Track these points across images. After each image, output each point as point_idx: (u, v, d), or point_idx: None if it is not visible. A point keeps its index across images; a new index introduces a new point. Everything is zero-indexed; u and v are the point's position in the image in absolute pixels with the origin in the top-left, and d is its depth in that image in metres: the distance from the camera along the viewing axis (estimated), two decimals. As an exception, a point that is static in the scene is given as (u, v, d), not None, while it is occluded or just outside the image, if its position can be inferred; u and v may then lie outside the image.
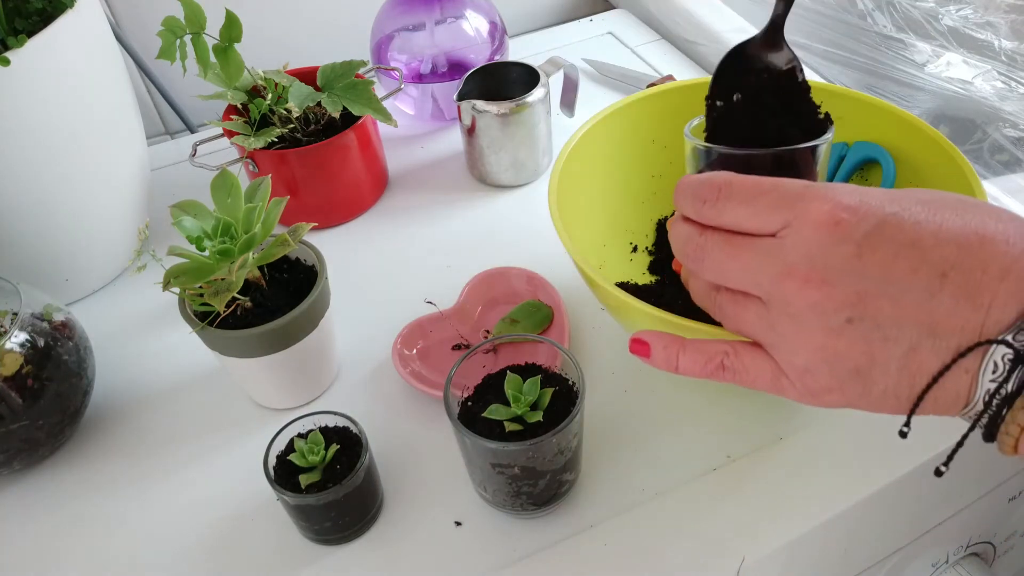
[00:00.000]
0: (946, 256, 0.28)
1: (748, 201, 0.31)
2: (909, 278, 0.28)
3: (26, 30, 0.52)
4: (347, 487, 0.45)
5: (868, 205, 0.29)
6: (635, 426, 0.53)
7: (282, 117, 0.66)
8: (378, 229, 0.71)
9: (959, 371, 0.29)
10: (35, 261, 0.60)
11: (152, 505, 0.51)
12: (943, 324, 0.28)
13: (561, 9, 1.04)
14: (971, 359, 0.28)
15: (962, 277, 0.28)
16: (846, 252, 0.29)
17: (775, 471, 0.49)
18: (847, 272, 0.29)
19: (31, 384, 0.50)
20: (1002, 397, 0.28)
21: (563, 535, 0.47)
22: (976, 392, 0.29)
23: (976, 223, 0.29)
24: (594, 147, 0.57)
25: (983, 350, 0.28)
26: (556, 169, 0.53)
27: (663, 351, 0.37)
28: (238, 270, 0.46)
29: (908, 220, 0.29)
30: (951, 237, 0.28)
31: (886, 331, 0.29)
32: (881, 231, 0.29)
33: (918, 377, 0.29)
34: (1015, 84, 0.68)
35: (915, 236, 0.28)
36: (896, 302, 0.29)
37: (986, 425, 0.29)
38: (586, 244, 0.55)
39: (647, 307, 0.42)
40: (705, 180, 0.33)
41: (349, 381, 0.58)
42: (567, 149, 0.54)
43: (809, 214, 0.30)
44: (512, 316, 0.58)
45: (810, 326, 0.30)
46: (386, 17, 0.80)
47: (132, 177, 0.65)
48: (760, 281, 0.32)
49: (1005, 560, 0.73)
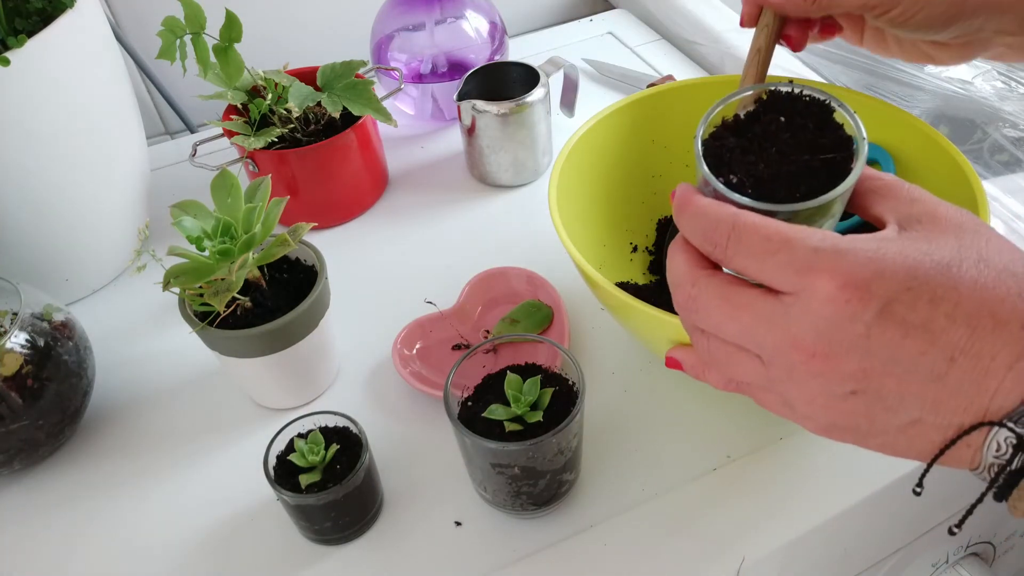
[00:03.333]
0: (955, 341, 0.28)
1: (755, 257, 0.30)
2: (916, 361, 0.28)
3: (26, 30, 0.52)
4: (347, 487, 0.45)
5: (882, 280, 0.28)
6: (635, 426, 0.53)
7: (282, 117, 0.66)
8: (378, 229, 0.71)
9: (962, 445, 0.29)
10: (35, 261, 0.60)
11: (152, 505, 0.52)
12: (946, 404, 0.29)
13: (561, 9, 1.04)
14: (974, 436, 0.29)
15: (970, 363, 0.28)
16: (855, 331, 0.28)
17: (775, 471, 0.49)
18: (854, 349, 0.29)
19: (31, 384, 0.50)
20: (1008, 474, 0.28)
21: (563, 535, 0.47)
22: (981, 462, 0.29)
23: (993, 298, 0.28)
24: (594, 147, 0.57)
25: (985, 430, 0.28)
26: (556, 169, 0.53)
27: (691, 369, 0.40)
28: (238, 270, 0.46)
29: (923, 297, 0.28)
30: (963, 317, 0.28)
31: (888, 403, 0.29)
32: (892, 312, 0.28)
33: (918, 441, 0.30)
34: (1015, 84, 0.68)
35: (927, 318, 0.28)
36: (901, 380, 0.29)
37: (995, 494, 0.30)
38: (586, 244, 0.55)
39: (647, 307, 0.42)
40: (712, 216, 0.32)
41: (349, 381, 0.58)
42: (567, 149, 0.54)
43: (819, 290, 0.29)
44: (512, 316, 0.58)
45: (812, 390, 0.31)
46: (386, 17, 0.80)
47: (132, 177, 0.65)
48: (762, 344, 0.31)
49: (1005, 560, 0.73)
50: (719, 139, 0.35)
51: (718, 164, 0.34)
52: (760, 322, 0.31)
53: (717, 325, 0.33)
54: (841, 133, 0.34)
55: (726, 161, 0.34)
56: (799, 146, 0.33)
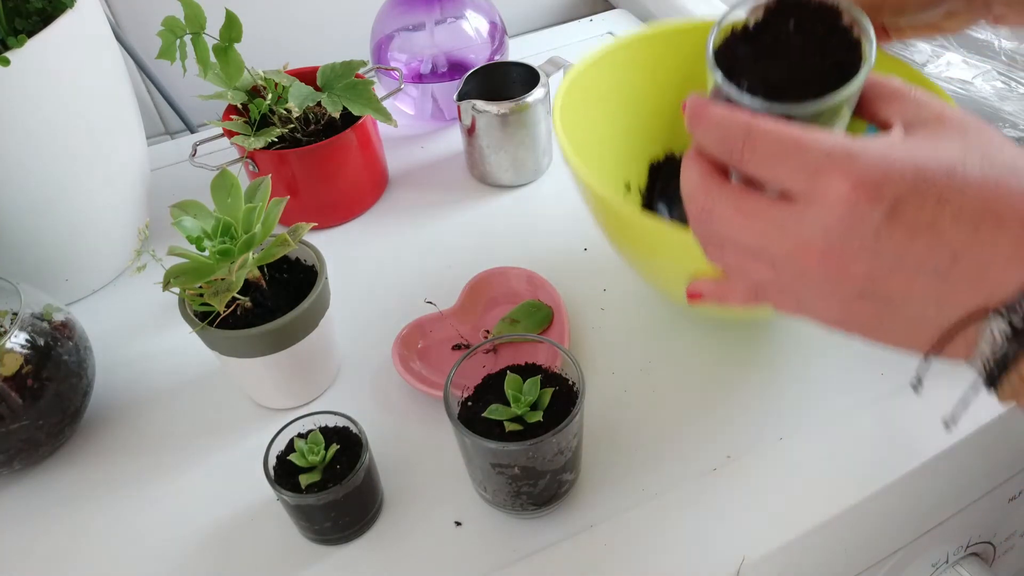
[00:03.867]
0: (959, 238, 0.29)
1: (768, 163, 0.31)
2: (923, 259, 0.29)
3: (26, 30, 0.53)
4: (347, 487, 0.45)
5: (891, 182, 0.29)
6: (635, 426, 0.53)
7: (282, 117, 0.66)
8: (378, 229, 0.71)
9: (960, 339, 0.31)
10: (35, 261, 0.60)
11: (152, 505, 0.52)
12: (949, 299, 0.30)
13: (561, 9, 1.04)
14: (971, 330, 0.30)
15: (972, 259, 0.29)
16: (864, 233, 0.30)
17: (775, 471, 0.49)
18: (863, 252, 0.30)
19: (31, 384, 0.50)
20: (998, 361, 0.30)
21: (563, 535, 0.47)
22: (977, 353, 0.31)
23: (995, 197, 0.29)
24: (588, 88, 0.57)
25: (982, 321, 0.30)
26: (556, 109, 0.53)
27: (711, 294, 0.41)
28: (238, 270, 0.46)
29: (930, 198, 0.29)
30: (968, 217, 0.29)
31: (895, 302, 0.31)
32: (900, 212, 0.29)
33: (923, 336, 0.32)
34: (1015, 84, 0.68)
35: (933, 217, 0.29)
36: (908, 279, 0.30)
37: (987, 382, 0.31)
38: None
39: (673, 228, 0.43)
40: (726, 124, 0.32)
41: (349, 381, 0.58)
42: (561, 92, 0.54)
43: (830, 191, 0.30)
44: (512, 316, 0.58)
45: (823, 293, 0.32)
46: (386, 17, 0.80)
47: (132, 177, 0.65)
48: (773, 252, 0.32)
49: (1005, 560, 0.73)
50: (730, 47, 0.35)
51: (729, 72, 0.34)
52: (772, 228, 0.32)
53: (731, 235, 0.33)
54: (849, 36, 0.34)
55: (737, 68, 0.34)
56: (809, 50, 0.34)
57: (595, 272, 0.64)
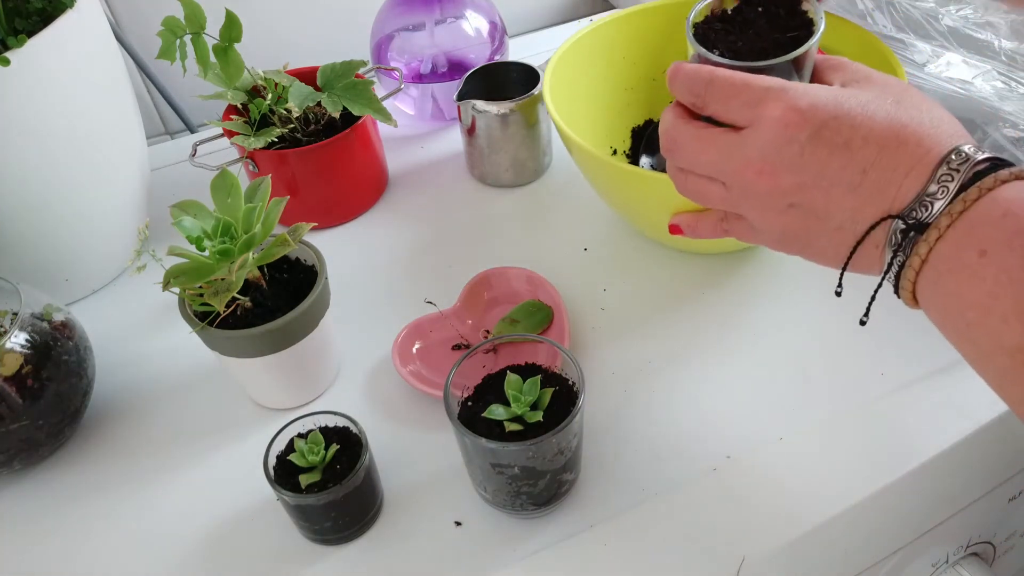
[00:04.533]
0: (868, 156, 0.35)
1: (724, 100, 0.38)
2: (839, 174, 0.36)
3: (26, 30, 0.53)
4: (347, 487, 0.45)
5: (815, 109, 0.35)
6: (635, 426, 0.53)
7: (282, 117, 0.66)
8: (378, 229, 0.71)
9: (870, 245, 0.37)
10: (35, 261, 0.60)
11: (152, 505, 0.52)
12: (861, 211, 0.36)
13: (561, 9, 1.04)
14: (879, 234, 0.36)
15: (877, 174, 0.35)
16: (792, 151, 0.36)
17: (775, 471, 0.49)
18: (791, 167, 0.36)
19: (31, 384, 0.50)
20: (897, 258, 0.35)
21: (563, 535, 0.47)
22: (885, 260, 0.37)
23: (899, 125, 0.35)
24: (575, 64, 0.65)
25: (886, 225, 0.36)
26: (546, 84, 0.61)
27: (687, 227, 0.50)
28: (238, 270, 0.46)
29: (846, 123, 0.35)
30: (876, 139, 0.35)
31: (819, 214, 0.37)
32: (821, 134, 0.35)
33: (842, 248, 0.38)
34: (1015, 84, 0.68)
35: (848, 138, 0.35)
36: (827, 193, 0.36)
37: (893, 284, 0.37)
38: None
39: (651, 172, 0.53)
40: (694, 74, 0.39)
41: (349, 381, 0.58)
42: (551, 66, 0.62)
43: (766, 116, 0.36)
44: (512, 316, 0.58)
45: (763, 206, 0.39)
46: (386, 17, 0.80)
47: (132, 177, 0.65)
48: (724, 171, 0.39)
49: (1005, 560, 0.73)
50: (707, 24, 0.43)
51: (704, 43, 0.41)
52: (722, 151, 0.39)
53: (691, 160, 0.41)
54: (805, 17, 0.41)
55: (711, 40, 0.42)
56: (772, 28, 0.41)
57: (595, 272, 0.64)
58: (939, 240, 0.34)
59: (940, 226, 0.33)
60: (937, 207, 0.34)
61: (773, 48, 0.40)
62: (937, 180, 0.34)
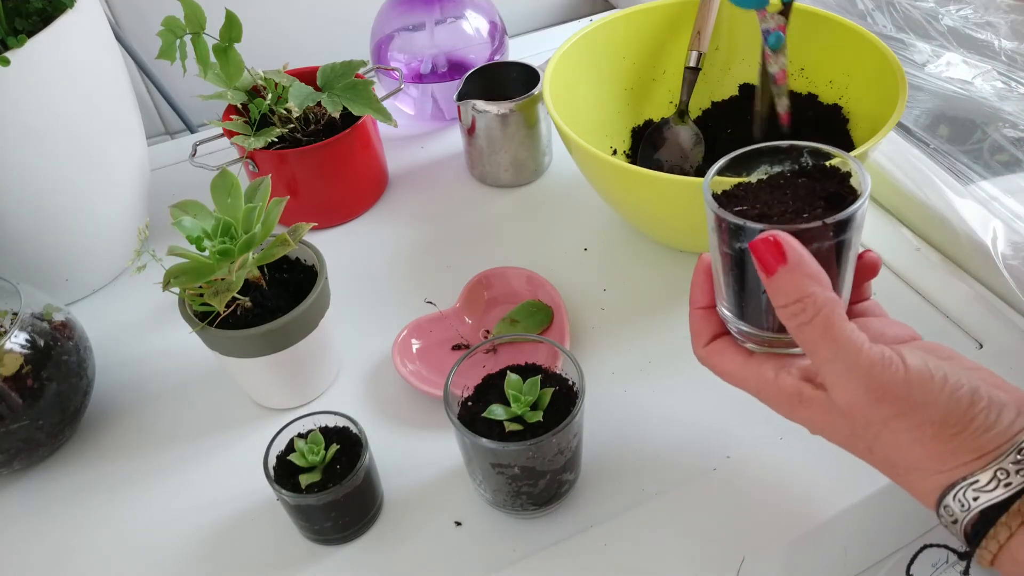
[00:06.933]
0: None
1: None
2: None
3: (26, 30, 0.53)
4: (347, 487, 0.45)
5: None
6: (635, 426, 0.53)
7: (282, 117, 0.66)
8: (378, 229, 0.71)
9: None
10: (35, 261, 0.60)
11: (152, 505, 0.52)
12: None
13: (561, 9, 1.04)
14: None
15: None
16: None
17: (775, 471, 0.49)
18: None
19: (31, 384, 0.50)
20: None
21: (563, 535, 0.47)
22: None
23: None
24: (574, 65, 0.65)
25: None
26: (545, 85, 0.61)
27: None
28: (238, 270, 0.46)
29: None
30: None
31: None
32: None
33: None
34: (1015, 84, 0.68)
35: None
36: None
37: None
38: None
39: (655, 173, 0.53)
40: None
41: (349, 381, 0.58)
42: (551, 67, 0.62)
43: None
44: (512, 316, 0.58)
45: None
46: (386, 17, 0.80)
47: (132, 177, 0.65)
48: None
49: (1005, 560, 0.73)
50: (731, 195, 0.39)
51: (731, 200, 0.38)
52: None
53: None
54: (840, 172, 0.38)
55: (739, 199, 0.38)
56: (801, 195, 0.38)
57: (595, 272, 0.64)
58: None
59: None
60: None
61: (805, 206, 0.37)
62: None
